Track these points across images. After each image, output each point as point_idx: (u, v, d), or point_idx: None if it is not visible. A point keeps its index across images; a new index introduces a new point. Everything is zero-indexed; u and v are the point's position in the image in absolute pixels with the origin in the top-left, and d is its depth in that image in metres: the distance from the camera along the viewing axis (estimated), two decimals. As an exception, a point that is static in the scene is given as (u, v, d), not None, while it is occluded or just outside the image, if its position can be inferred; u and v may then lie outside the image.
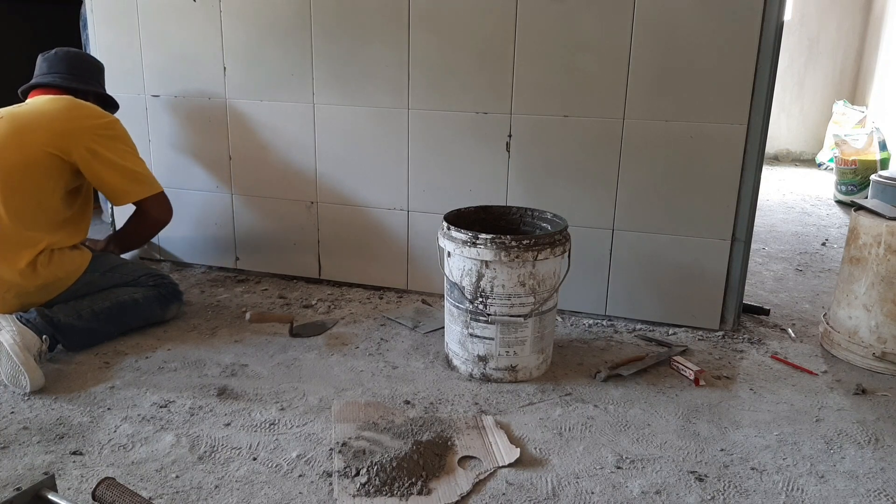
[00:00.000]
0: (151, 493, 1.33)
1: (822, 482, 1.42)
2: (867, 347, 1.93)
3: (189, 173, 2.62)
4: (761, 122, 1.99)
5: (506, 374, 1.81)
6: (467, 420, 1.61)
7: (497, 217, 2.03)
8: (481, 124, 2.24)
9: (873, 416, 1.69)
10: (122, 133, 2.07)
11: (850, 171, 4.42)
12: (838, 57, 6.29)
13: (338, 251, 2.54)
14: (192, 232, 2.69)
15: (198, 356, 1.94)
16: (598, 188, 2.17)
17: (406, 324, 2.20)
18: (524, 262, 1.71)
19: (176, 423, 1.58)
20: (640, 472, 1.44)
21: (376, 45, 2.28)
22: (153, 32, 2.52)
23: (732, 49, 1.95)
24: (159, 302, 2.12)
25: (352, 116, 2.38)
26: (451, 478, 1.39)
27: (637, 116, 2.08)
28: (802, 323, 2.29)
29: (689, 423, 1.63)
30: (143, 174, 2.08)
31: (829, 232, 3.62)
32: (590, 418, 1.64)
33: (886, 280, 1.88)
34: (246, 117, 2.50)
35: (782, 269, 2.90)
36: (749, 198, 2.05)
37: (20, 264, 1.87)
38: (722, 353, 2.03)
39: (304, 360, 1.93)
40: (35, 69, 2.17)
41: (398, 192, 2.40)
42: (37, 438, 1.50)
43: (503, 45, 2.15)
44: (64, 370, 1.83)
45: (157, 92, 2.58)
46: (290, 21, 2.35)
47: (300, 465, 1.43)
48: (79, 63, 2.18)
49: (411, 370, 1.88)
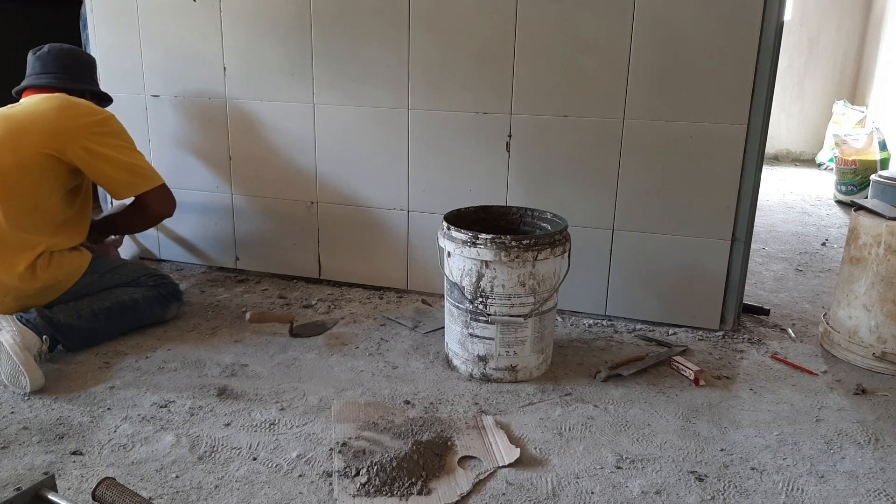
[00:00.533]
0: (151, 493, 1.33)
1: (822, 482, 1.42)
2: (867, 347, 1.93)
3: (189, 173, 2.62)
4: (761, 122, 1.99)
5: (506, 374, 1.81)
6: (467, 420, 1.61)
7: (497, 217, 2.03)
8: (481, 124, 2.24)
9: (873, 416, 1.69)
10: (118, 128, 2.05)
11: (850, 171, 4.42)
12: (838, 57, 6.29)
13: (338, 251, 2.54)
14: (192, 232, 2.69)
15: (198, 356, 1.94)
16: (598, 188, 2.17)
17: (406, 324, 2.20)
18: (524, 262, 1.71)
19: (176, 423, 1.58)
20: (640, 472, 1.44)
21: (376, 45, 2.28)
22: (153, 32, 2.52)
23: (732, 49, 1.95)
24: (159, 302, 2.12)
25: (352, 116, 2.38)
26: (451, 478, 1.39)
27: (637, 116, 2.08)
28: (802, 323, 2.29)
29: (689, 423, 1.63)
30: (142, 167, 2.07)
31: (829, 232, 3.62)
32: (590, 418, 1.64)
33: (886, 280, 1.88)
34: (246, 117, 2.50)
35: (782, 269, 2.90)
36: (749, 198, 2.05)
37: (19, 268, 1.87)
38: (722, 353, 2.03)
39: (304, 360, 1.93)
40: (27, 68, 2.15)
41: (398, 192, 2.40)
42: (37, 438, 1.50)
43: (503, 45, 2.15)
44: (64, 370, 1.83)
45: (157, 92, 2.58)
46: (290, 21, 2.35)
47: (300, 465, 1.43)
48: (71, 61, 2.16)
49: (411, 370, 1.88)
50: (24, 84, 2.12)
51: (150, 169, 2.10)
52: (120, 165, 2.00)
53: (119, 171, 2.00)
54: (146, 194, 2.07)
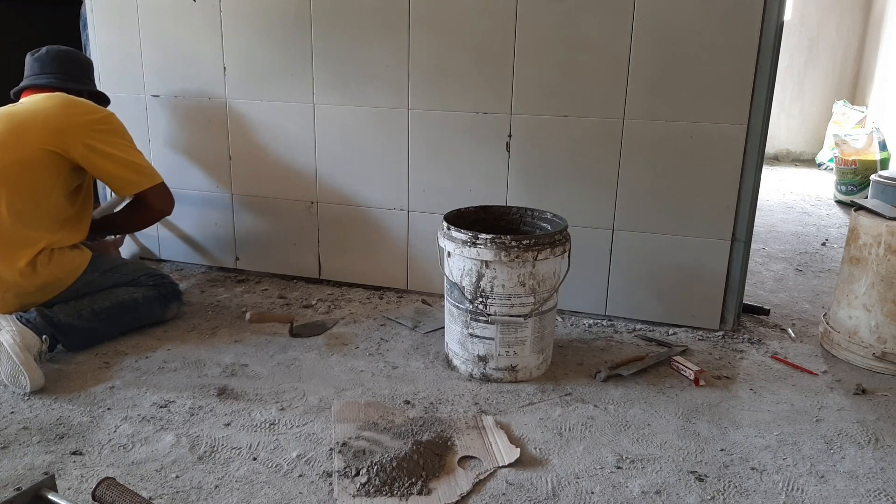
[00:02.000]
0: (151, 493, 1.33)
1: (822, 482, 1.42)
2: (867, 347, 1.93)
3: (189, 173, 2.62)
4: (761, 122, 1.99)
5: (506, 374, 1.81)
6: (467, 420, 1.61)
7: (497, 217, 2.03)
8: (481, 124, 2.24)
9: (873, 416, 1.69)
10: (119, 127, 2.07)
11: (850, 171, 4.43)
12: (838, 57, 6.30)
13: (338, 251, 2.54)
14: (192, 232, 2.69)
15: (198, 356, 1.94)
16: (598, 188, 2.17)
17: (406, 324, 2.20)
18: (524, 262, 1.71)
19: (176, 423, 1.58)
20: (640, 472, 1.44)
21: (376, 46, 2.28)
22: (153, 32, 2.52)
23: (732, 49, 1.95)
24: (159, 302, 2.12)
25: (352, 116, 2.38)
26: (451, 478, 1.39)
27: (637, 116, 2.08)
28: (802, 323, 2.29)
29: (689, 423, 1.63)
30: (142, 165, 2.08)
31: (829, 232, 3.62)
32: (590, 418, 1.64)
33: (886, 280, 1.88)
34: (246, 117, 2.50)
35: (782, 269, 2.90)
36: (749, 198, 2.05)
37: (20, 264, 1.87)
38: (722, 353, 2.03)
39: (304, 360, 1.93)
40: (25, 70, 2.17)
41: (398, 192, 2.40)
42: (37, 438, 1.50)
43: (503, 45, 2.15)
44: (64, 370, 1.83)
45: (157, 92, 2.58)
46: (290, 21, 2.35)
47: (300, 465, 1.43)
48: (69, 62, 2.19)
49: (411, 370, 1.88)
50: (23, 84, 2.14)
51: (150, 167, 2.11)
52: (120, 163, 2.01)
53: (120, 169, 2.01)
54: (146, 192, 2.08)
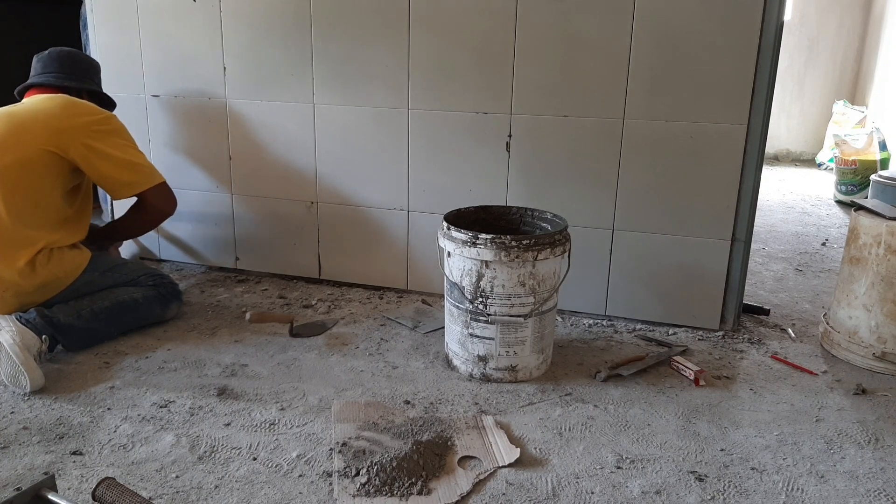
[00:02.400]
0: (151, 493, 1.33)
1: (822, 482, 1.42)
2: (867, 347, 1.93)
3: (189, 173, 2.62)
4: (761, 122, 1.99)
5: (506, 374, 1.81)
6: (467, 420, 1.61)
7: (497, 217, 2.03)
8: (481, 124, 2.24)
9: (873, 416, 1.69)
10: (119, 127, 2.07)
11: (850, 171, 4.42)
12: (838, 57, 6.29)
13: (338, 251, 2.54)
14: (191, 232, 2.69)
15: (198, 356, 1.94)
16: (597, 188, 2.17)
17: (406, 324, 2.20)
18: (524, 262, 1.71)
19: (176, 423, 1.58)
20: (640, 472, 1.44)
21: (376, 45, 2.28)
22: (153, 32, 2.52)
23: (732, 49, 1.95)
24: (159, 302, 2.12)
25: (352, 116, 2.38)
26: (451, 478, 1.39)
27: (637, 116, 2.08)
28: (802, 323, 2.29)
29: (689, 423, 1.63)
30: (142, 165, 2.08)
31: (829, 232, 3.62)
32: (590, 418, 1.64)
33: (886, 280, 1.88)
34: (246, 117, 2.50)
35: (782, 269, 2.90)
36: (749, 198, 2.05)
37: (19, 263, 1.87)
38: (722, 353, 2.03)
39: (304, 360, 1.93)
40: (31, 71, 2.19)
41: (398, 192, 2.40)
42: (37, 438, 1.50)
43: (503, 44, 2.15)
44: (64, 370, 1.83)
45: (157, 92, 2.58)
46: (290, 21, 2.35)
47: (300, 465, 1.43)
48: (71, 62, 2.20)
49: (411, 370, 1.88)
50: (26, 84, 2.16)
51: (150, 167, 2.11)
52: (120, 163, 2.01)
53: (120, 169, 2.01)
54: (147, 192, 2.08)
